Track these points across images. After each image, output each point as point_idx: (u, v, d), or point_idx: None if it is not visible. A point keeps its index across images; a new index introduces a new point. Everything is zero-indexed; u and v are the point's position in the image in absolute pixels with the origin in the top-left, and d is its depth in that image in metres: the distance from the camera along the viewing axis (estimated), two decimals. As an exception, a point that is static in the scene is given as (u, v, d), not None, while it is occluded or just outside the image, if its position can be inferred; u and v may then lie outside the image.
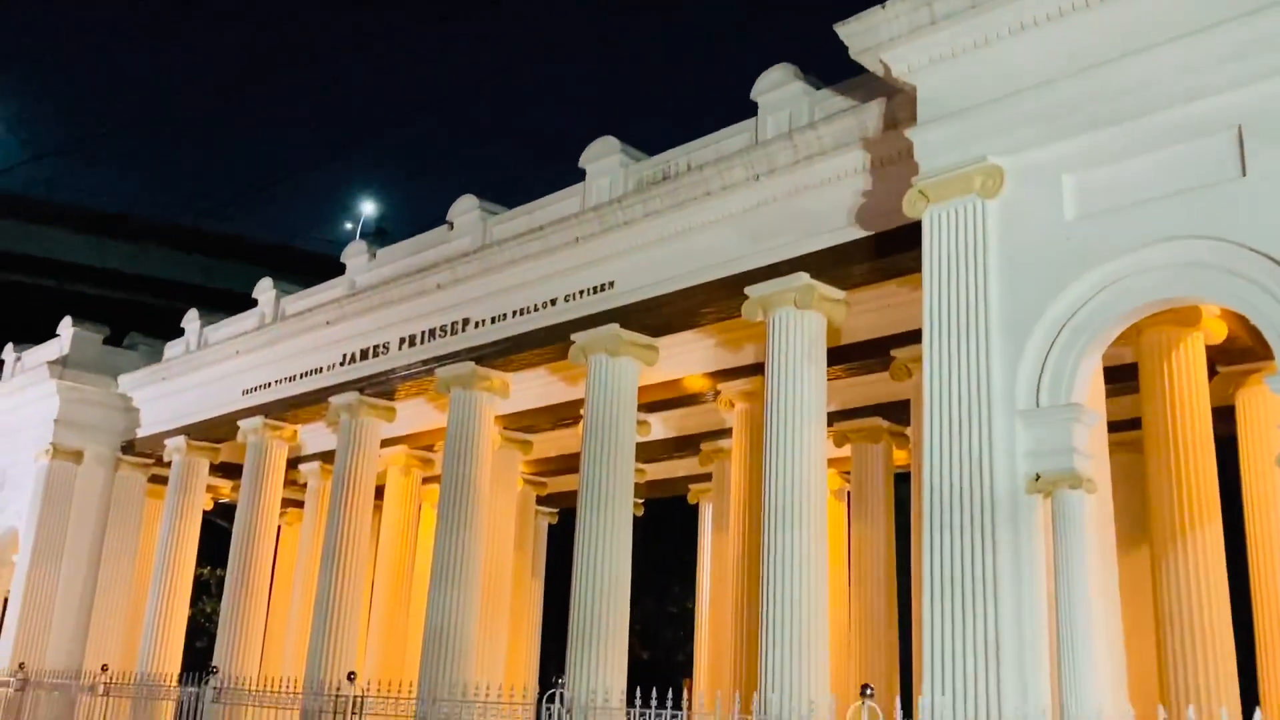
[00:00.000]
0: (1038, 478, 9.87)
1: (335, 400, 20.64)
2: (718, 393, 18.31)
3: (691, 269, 15.15)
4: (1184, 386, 13.02)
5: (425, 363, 18.99)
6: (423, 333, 19.14)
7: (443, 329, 18.78)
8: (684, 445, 21.93)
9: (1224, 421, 14.26)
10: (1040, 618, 9.62)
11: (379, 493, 22.30)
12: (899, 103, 12.61)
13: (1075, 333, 10.09)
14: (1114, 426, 11.58)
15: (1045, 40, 10.67)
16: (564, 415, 20.26)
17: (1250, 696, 12.01)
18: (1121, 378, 13.64)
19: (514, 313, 17.58)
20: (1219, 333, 13.33)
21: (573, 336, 16.47)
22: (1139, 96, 9.95)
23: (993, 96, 10.95)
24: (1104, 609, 9.86)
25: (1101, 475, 10.26)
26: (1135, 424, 13.87)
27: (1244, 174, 9.35)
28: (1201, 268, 9.52)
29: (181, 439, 24.39)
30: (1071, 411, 9.91)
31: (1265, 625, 13.59)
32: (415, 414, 21.29)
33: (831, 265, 13.73)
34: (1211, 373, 13.84)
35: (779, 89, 14.61)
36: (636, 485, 16.78)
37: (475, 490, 18.04)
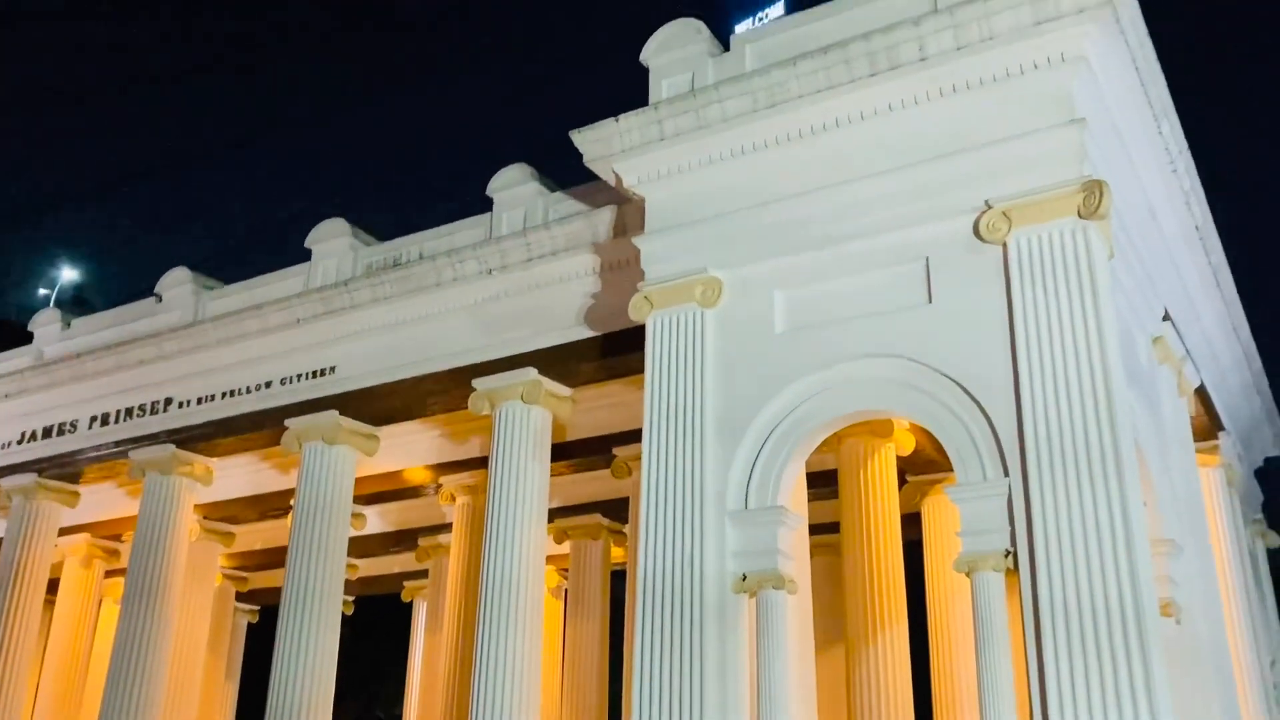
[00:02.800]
0: (744, 578, 10.24)
1: (8, 482, 18.63)
2: (439, 486, 17.92)
3: (419, 358, 14.89)
4: (877, 493, 14.04)
5: (119, 444, 17.49)
6: (118, 411, 17.66)
7: (141, 408, 17.41)
8: (401, 540, 21.21)
9: (912, 527, 15.46)
10: (743, 714, 9.88)
11: (52, 585, 20.11)
12: (629, 210, 13.10)
13: (782, 439, 10.65)
14: (816, 529, 12.27)
15: (762, 165, 11.47)
16: (272, 506, 19.14)
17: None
18: (823, 483, 14.54)
19: (224, 394, 16.58)
20: (908, 445, 14.49)
21: (287, 422, 15.70)
22: (842, 223, 10.84)
23: (715, 212, 11.60)
24: (801, 705, 10.26)
25: (803, 576, 10.77)
26: (835, 527, 14.75)
27: (930, 301, 10.31)
28: (893, 384, 10.35)
29: None
30: (777, 514, 10.40)
31: (942, 714, 14.60)
32: (103, 499, 19.49)
33: (560, 362, 13.91)
34: (902, 481, 15.00)
35: (515, 187, 14.86)
36: (347, 582, 16.05)
37: (166, 584, 16.64)
